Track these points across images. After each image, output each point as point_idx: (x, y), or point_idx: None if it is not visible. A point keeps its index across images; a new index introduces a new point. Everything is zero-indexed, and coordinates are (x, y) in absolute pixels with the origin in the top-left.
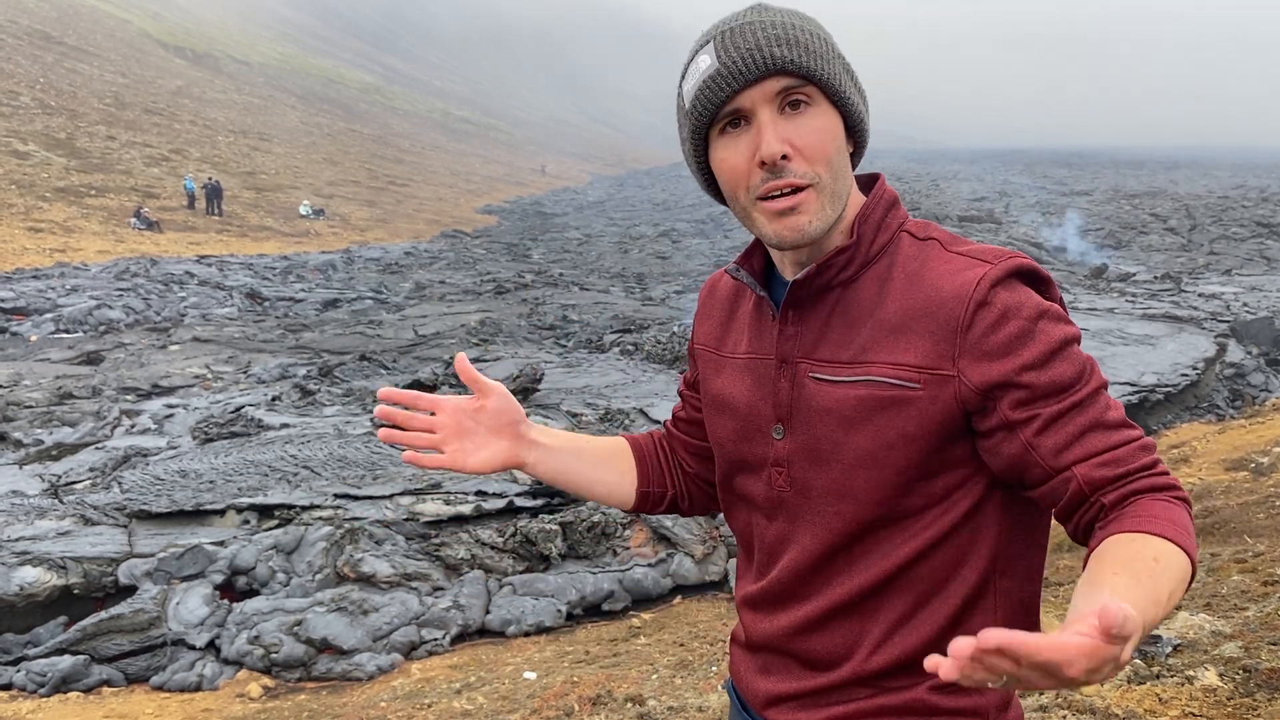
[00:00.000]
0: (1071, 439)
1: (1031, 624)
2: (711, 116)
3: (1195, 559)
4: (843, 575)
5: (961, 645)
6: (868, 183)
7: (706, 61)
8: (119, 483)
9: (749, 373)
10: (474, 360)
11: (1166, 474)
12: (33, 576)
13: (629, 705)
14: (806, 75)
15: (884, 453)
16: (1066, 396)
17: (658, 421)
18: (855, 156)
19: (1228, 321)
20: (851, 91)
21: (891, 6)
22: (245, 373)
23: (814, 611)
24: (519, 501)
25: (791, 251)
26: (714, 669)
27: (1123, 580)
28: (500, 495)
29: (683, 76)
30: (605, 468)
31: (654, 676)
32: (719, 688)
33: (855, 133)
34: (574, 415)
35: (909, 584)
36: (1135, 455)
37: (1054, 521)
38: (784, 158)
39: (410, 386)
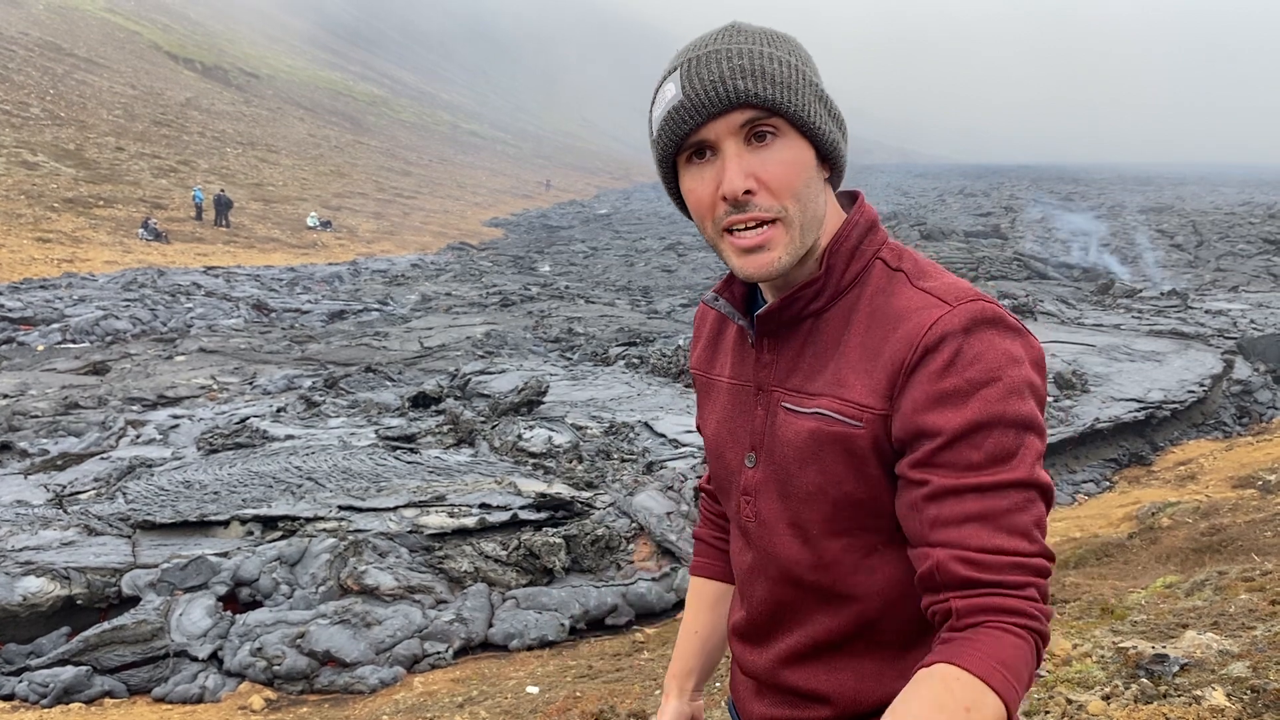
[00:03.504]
0: (952, 520)
1: None
2: (677, 147)
3: (1010, 699)
4: (817, 611)
5: None
6: (849, 199)
7: (672, 91)
8: (123, 493)
9: (732, 398)
10: (479, 372)
11: (1031, 599)
12: (36, 586)
13: None
14: (772, 108)
15: (832, 488)
16: (969, 475)
17: (662, 435)
18: (834, 179)
19: (1234, 338)
20: (823, 120)
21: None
22: (251, 384)
23: (797, 646)
24: (523, 514)
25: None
26: (716, 685)
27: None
28: (504, 508)
29: (652, 102)
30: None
31: (657, 692)
32: (721, 704)
33: (830, 159)
34: (579, 428)
35: (892, 616)
36: (1005, 570)
37: (1053, 530)
38: (748, 192)
39: (415, 398)
